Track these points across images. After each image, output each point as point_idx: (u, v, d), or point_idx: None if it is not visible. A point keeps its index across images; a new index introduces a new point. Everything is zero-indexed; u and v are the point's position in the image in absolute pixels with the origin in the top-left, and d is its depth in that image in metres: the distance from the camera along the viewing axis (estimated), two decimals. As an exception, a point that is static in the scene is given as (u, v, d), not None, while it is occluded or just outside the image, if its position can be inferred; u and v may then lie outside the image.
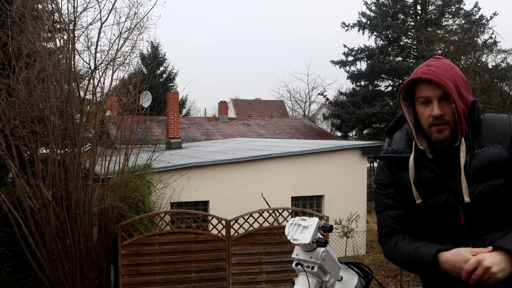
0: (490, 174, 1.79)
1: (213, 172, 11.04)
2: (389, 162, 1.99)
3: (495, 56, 20.28)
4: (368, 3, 24.86)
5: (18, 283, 7.63)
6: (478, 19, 23.06)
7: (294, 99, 36.19)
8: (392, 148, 1.98)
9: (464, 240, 1.83)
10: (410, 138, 1.93)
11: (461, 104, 1.79)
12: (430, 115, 1.81)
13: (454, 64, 1.89)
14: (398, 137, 2.00)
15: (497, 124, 1.87)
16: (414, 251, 1.86)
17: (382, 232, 2.02)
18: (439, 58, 1.92)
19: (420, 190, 1.88)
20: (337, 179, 12.13)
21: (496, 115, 1.94)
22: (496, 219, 1.81)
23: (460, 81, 1.83)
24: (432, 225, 1.90)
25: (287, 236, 1.71)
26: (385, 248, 2.03)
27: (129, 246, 7.35)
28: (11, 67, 7.23)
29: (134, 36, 8.11)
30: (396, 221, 1.97)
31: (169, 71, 31.35)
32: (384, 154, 2.00)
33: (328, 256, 1.71)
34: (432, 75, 1.80)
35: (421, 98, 1.84)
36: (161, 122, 18.47)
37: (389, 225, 1.98)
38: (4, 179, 8.11)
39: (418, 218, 1.92)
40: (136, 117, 8.48)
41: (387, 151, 1.99)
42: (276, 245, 7.93)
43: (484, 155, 1.81)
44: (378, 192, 2.04)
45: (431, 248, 1.81)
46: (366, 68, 24.30)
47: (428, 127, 1.84)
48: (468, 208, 1.81)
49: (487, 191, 1.79)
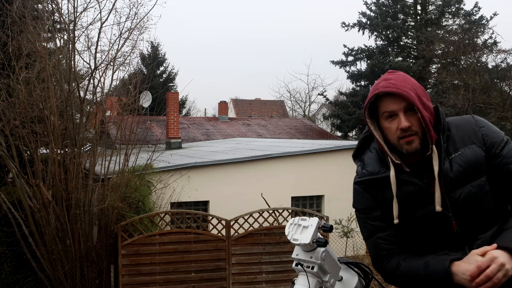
0: (472, 175, 1.80)
1: (213, 172, 11.04)
2: (367, 185, 1.93)
3: (495, 56, 20.31)
4: (368, 3, 24.88)
5: (18, 283, 7.63)
6: (478, 19, 23.07)
7: (294, 99, 36.25)
8: (367, 170, 1.94)
9: (459, 244, 1.83)
10: (381, 157, 1.91)
11: (425, 112, 1.79)
12: (397, 128, 1.79)
13: (409, 76, 1.89)
14: (370, 158, 1.96)
15: (465, 125, 1.88)
16: (424, 267, 1.81)
17: (377, 256, 1.95)
18: (394, 71, 1.90)
19: (407, 205, 1.85)
20: (337, 179, 12.11)
21: (459, 117, 1.95)
22: (486, 217, 1.82)
23: (419, 90, 1.83)
24: (424, 236, 1.87)
25: (287, 236, 1.71)
26: (385, 272, 1.95)
27: (129, 246, 7.35)
28: (11, 67, 7.23)
29: (134, 36, 8.13)
30: (390, 242, 1.91)
31: (169, 71, 31.37)
32: (362, 179, 1.95)
33: (328, 256, 1.71)
34: (394, 87, 1.78)
35: (386, 113, 1.82)
36: (161, 122, 18.47)
37: (383, 248, 1.92)
38: (4, 179, 8.11)
39: (409, 232, 1.89)
40: (136, 117, 8.48)
41: (363, 174, 1.94)
42: (276, 245, 7.93)
43: (462, 157, 1.81)
44: (361, 217, 1.98)
45: (443, 260, 1.78)
46: (366, 68, 24.31)
47: (397, 140, 1.81)
48: (459, 212, 1.80)
49: (473, 192, 1.80)
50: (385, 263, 1.93)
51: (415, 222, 1.86)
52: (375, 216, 1.93)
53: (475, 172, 1.80)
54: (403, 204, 1.85)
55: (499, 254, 1.67)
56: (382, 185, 1.88)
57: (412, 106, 1.77)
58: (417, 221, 1.86)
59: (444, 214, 1.81)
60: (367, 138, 1.99)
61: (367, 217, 1.96)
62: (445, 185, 1.80)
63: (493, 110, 16.34)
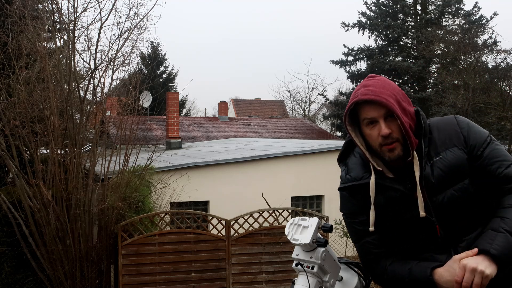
0: (454, 179, 1.79)
1: (213, 172, 11.04)
2: (351, 191, 1.93)
3: (495, 56, 20.29)
4: (368, 3, 24.88)
5: (18, 283, 7.63)
6: (478, 19, 23.06)
7: (294, 99, 36.25)
8: (350, 176, 1.93)
9: (444, 247, 1.82)
10: (365, 162, 1.89)
11: (405, 118, 1.78)
12: (378, 135, 1.78)
13: (389, 80, 1.88)
14: (354, 163, 1.95)
15: (447, 127, 1.86)
16: (408, 274, 1.82)
17: (365, 260, 1.95)
18: (374, 76, 1.88)
19: (390, 210, 1.84)
20: (337, 179, 11.92)
21: (441, 118, 1.94)
22: (470, 219, 1.81)
23: (399, 95, 1.81)
24: (409, 240, 1.87)
25: (287, 236, 1.71)
26: (374, 275, 1.96)
27: (129, 246, 7.35)
28: (11, 67, 7.23)
29: (134, 36, 8.12)
30: (376, 246, 1.90)
31: (169, 71, 31.37)
32: (345, 185, 1.94)
33: (328, 256, 1.71)
34: (372, 95, 1.76)
35: (366, 120, 1.81)
36: (161, 122, 18.47)
37: (371, 252, 1.92)
38: (4, 179, 8.11)
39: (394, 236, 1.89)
40: (136, 117, 8.47)
41: (346, 180, 1.94)
42: (276, 245, 7.93)
43: (443, 161, 1.80)
44: (348, 221, 1.98)
45: (425, 267, 1.79)
46: (366, 68, 24.30)
47: (379, 147, 1.81)
48: (442, 216, 1.80)
49: (455, 196, 1.78)
50: (374, 266, 1.93)
51: (399, 227, 1.85)
52: (361, 220, 1.91)
53: (457, 176, 1.79)
54: (387, 209, 1.84)
55: (468, 261, 1.67)
56: (365, 191, 1.87)
57: (392, 113, 1.76)
58: (402, 226, 1.85)
59: (428, 219, 1.80)
60: (351, 142, 1.96)
61: (354, 222, 1.95)
62: (427, 190, 1.79)
63: (493, 110, 16.33)
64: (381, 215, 1.85)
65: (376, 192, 1.84)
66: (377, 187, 1.84)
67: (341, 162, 2.03)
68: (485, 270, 1.64)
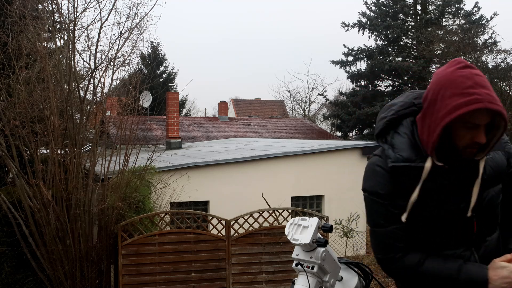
0: (497, 179, 1.85)
1: (213, 172, 11.04)
2: (399, 172, 1.79)
3: (495, 56, 20.32)
4: (368, 3, 24.89)
5: (18, 283, 7.63)
6: (478, 19, 23.08)
7: (294, 99, 36.25)
8: (402, 156, 1.78)
9: (472, 244, 1.86)
10: (415, 144, 1.79)
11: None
12: (472, 140, 1.70)
13: None
14: (402, 143, 1.81)
15: None
16: (458, 271, 1.78)
17: (391, 246, 1.83)
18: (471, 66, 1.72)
19: (435, 199, 1.80)
20: (337, 179, 12.12)
21: None
22: (495, 221, 1.90)
23: None
24: (443, 233, 1.84)
25: (287, 236, 1.71)
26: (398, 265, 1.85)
27: (129, 246, 7.35)
28: (11, 67, 7.23)
29: (135, 36, 8.12)
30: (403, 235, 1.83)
31: (169, 71, 31.37)
32: (397, 164, 1.78)
33: (328, 256, 1.71)
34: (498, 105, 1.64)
35: (470, 123, 1.68)
36: (161, 122, 18.47)
37: (401, 239, 1.83)
38: (4, 179, 8.11)
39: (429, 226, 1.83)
40: (136, 117, 8.47)
41: (397, 159, 1.78)
42: (276, 245, 7.93)
43: (493, 161, 1.84)
44: (381, 202, 1.82)
45: (480, 267, 1.78)
46: (366, 68, 24.30)
47: (463, 148, 1.73)
48: (480, 214, 1.83)
49: (494, 196, 1.84)
50: (400, 256, 1.84)
51: (437, 218, 1.81)
52: (399, 204, 1.80)
53: (499, 177, 1.85)
54: (432, 197, 1.79)
55: None
56: (415, 175, 1.77)
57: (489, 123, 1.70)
58: (440, 217, 1.81)
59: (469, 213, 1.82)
60: (392, 121, 1.85)
61: (390, 204, 1.81)
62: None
63: (493, 110, 16.31)
64: (422, 203, 1.79)
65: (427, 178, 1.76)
66: (431, 173, 1.75)
67: (381, 138, 1.88)
68: None
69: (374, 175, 1.86)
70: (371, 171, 1.87)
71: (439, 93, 1.71)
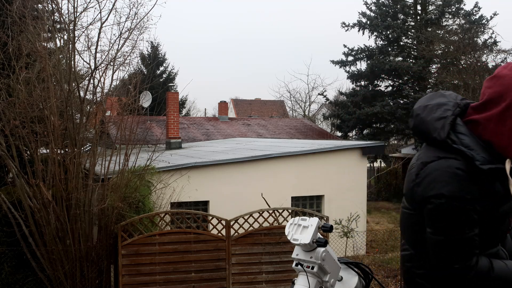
0: None
1: (213, 172, 11.04)
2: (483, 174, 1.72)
3: (495, 56, 20.28)
4: (368, 3, 24.88)
5: (18, 283, 7.63)
6: (478, 19, 23.08)
7: (294, 99, 36.23)
8: (485, 157, 1.72)
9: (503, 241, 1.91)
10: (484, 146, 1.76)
11: None
12: None
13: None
14: (474, 144, 1.75)
15: None
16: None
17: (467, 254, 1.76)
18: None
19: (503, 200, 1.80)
20: (337, 179, 12.13)
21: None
22: None
23: None
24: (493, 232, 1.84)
25: (287, 236, 1.71)
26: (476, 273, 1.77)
27: (129, 246, 7.35)
28: (11, 67, 7.23)
29: (134, 36, 8.11)
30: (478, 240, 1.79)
31: (169, 71, 31.38)
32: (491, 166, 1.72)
33: (328, 256, 1.71)
34: None
35: None
36: (161, 122, 18.47)
37: (477, 246, 1.77)
38: (4, 179, 8.11)
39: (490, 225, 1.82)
40: (136, 117, 8.47)
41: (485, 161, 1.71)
42: (276, 245, 7.93)
43: None
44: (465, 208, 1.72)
45: None
46: (366, 68, 24.30)
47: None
48: None
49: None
50: (474, 262, 1.77)
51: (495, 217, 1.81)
52: (479, 209, 1.74)
53: None
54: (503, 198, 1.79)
55: None
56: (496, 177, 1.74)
57: None
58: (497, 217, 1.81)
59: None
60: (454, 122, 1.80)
61: (472, 209, 1.73)
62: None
63: (493, 110, 16.31)
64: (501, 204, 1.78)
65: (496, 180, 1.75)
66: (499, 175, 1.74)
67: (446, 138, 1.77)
68: None
69: (455, 179, 1.72)
70: (451, 175, 1.72)
71: None
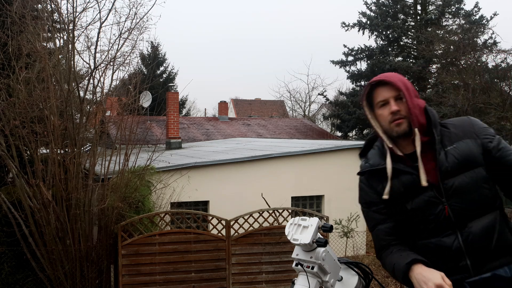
0: (466, 166, 1.98)
1: (213, 172, 11.03)
2: (369, 177, 2.13)
3: (495, 56, 20.26)
4: (368, 3, 24.88)
5: (18, 283, 7.63)
6: (478, 19, 23.07)
7: (294, 99, 36.26)
8: (369, 163, 2.15)
9: (452, 230, 1.98)
10: (382, 152, 2.11)
11: (412, 101, 2.02)
12: (389, 113, 2.03)
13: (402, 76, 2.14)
14: (372, 154, 2.18)
15: (462, 124, 2.09)
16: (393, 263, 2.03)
17: (378, 246, 2.15)
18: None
19: (406, 194, 2.03)
20: (337, 179, 12.12)
21: (456, 118, 2.18)
22: (477, 207, 1.98)
23: (408, 85, 2.07)
24: (421, 222, 2.03)
25: (287, 236, 1.72)
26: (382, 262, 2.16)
27: (129, 246, 7.35)
28: (11, 67, 7.23)
29: (134, 36, 8.11)
30: (388, 233, 2.10)
31: (169, 71, 31.35)
32: (363, 170, 2.16)
33: (328, 256, 1.71)
34: (384, 77, 2.07)
35: (380, 102, 2.06)
36: (161, 122, 18.47)
37: (383, 239, 2.11)
38: (4, 179, 8.11)
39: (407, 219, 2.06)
40: (136, 117, 8.47)
41: (365, 167, 2.16)
42: (276, 245, 7.93)
43: (457, 150, 2.00)
44: (365, 210, 2.17)
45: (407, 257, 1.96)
46: (366, 68, 24.30)
47: (388, 124, 2.04)
48: (451, 199, 1.98)
49: (466, 181, 1.97)
50: (383, 252, 2.12)
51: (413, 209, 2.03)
52: (378, 209, 2.11)
53: (469, 164, 1.99)
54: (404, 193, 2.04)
55: None
56: (381, 176, 2.07)
57: (400, 96, 2.03)
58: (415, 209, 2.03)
59: (438, 200, 1.99)
60: (372, 139, 2.23)
61: (369, 210, 2.15)
62: (441, 174, 1.98)
63: (493, 110, 16.31)
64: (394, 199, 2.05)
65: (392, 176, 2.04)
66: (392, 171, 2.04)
67: (362, 157, 2.24)
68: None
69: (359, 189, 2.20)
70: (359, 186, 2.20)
71: None
